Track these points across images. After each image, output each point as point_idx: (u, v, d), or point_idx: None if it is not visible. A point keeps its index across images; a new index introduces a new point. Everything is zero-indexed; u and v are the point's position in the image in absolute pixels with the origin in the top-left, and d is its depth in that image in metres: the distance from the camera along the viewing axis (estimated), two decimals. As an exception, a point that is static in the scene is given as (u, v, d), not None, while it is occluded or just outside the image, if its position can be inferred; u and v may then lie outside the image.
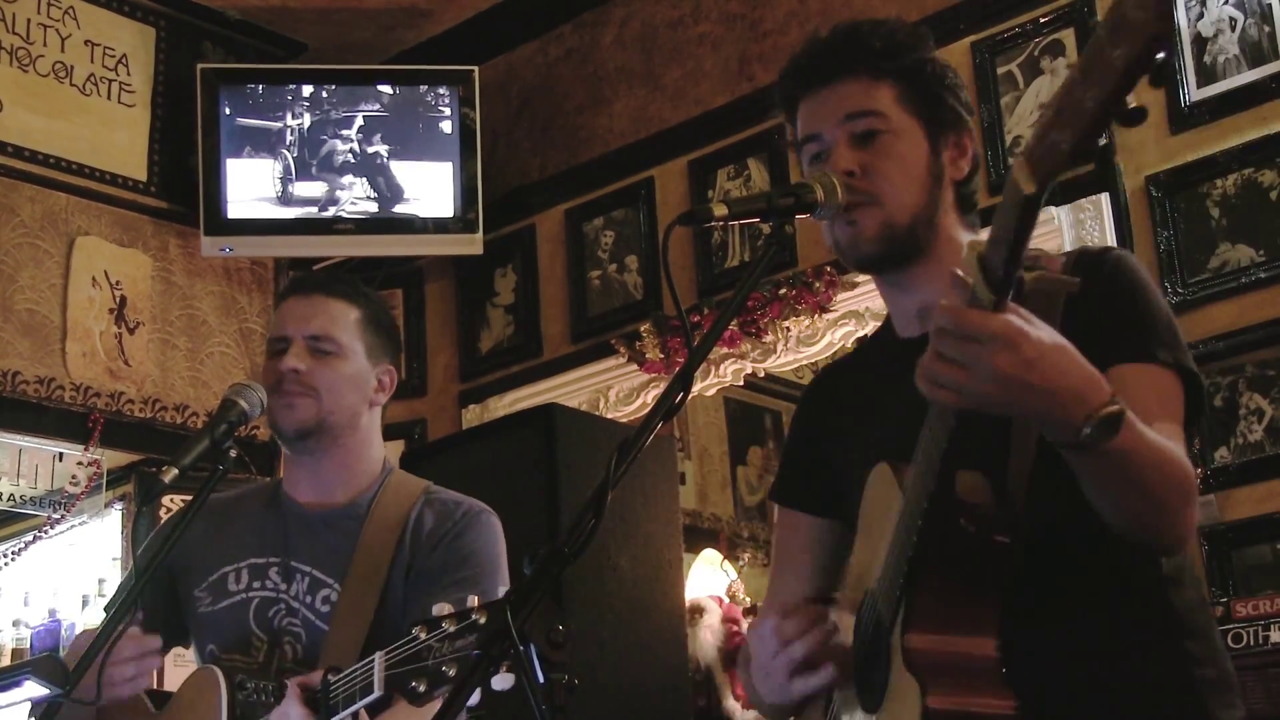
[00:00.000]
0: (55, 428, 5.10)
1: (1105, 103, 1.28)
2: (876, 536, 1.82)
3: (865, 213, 1.91)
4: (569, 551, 1.57)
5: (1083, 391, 1.54)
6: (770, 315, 4.78)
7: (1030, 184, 1.35)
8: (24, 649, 6.14)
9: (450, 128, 5.37)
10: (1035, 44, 4.41)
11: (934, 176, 1.96)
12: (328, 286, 2.71)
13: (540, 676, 1.51)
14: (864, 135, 1.95)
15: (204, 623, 2.63)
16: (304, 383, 2.60)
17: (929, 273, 1.96)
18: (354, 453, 2.67)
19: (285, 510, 2.68)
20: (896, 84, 1.97)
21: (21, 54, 5.18)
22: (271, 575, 2.61)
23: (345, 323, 2.66)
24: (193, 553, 2.66)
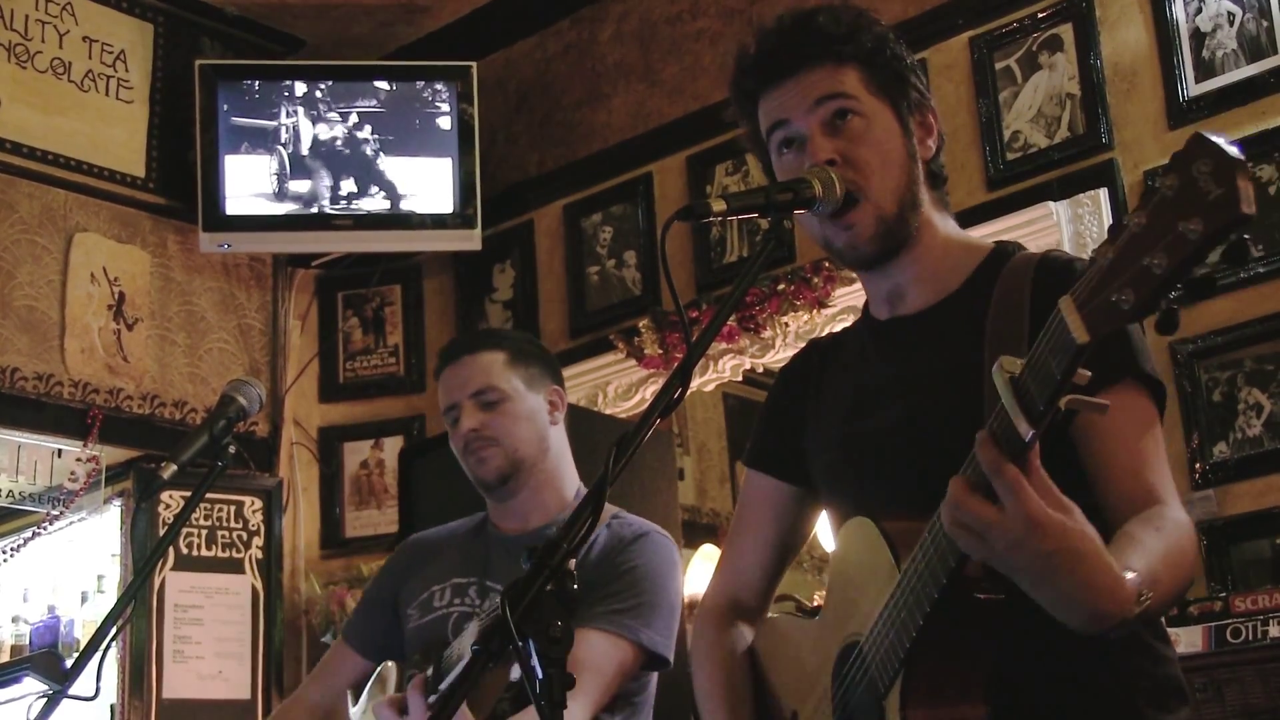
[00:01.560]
0: (54, 424, 5.10)
1: (1174, 275, 1.27)
2: (858, 591, 1.82)
3: (857, 214, 1.92)
4: (568, 547, 1.58)
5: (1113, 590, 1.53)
6: (769, 310, 4.78)
7: (1084, 334, 1.35)
8: (23, 645, 6.14)
9: (448, 123, 5.37)
10: (1034, 39, 4.41)
11: (910, 157, 1.97)
12: (470, 346, 2.87)
13: (539, 672, 1.51)
14: (835, 118, 1.94)
15: (412, 636, 2.81)
16: (485, 437, 2.78)
17: (909, 257, 1.98)
18: (550, 476, 2.84)
19: (489, 537, 2.87)
20: (860, 67, 1.97)
21: (20, 50, 5.17)
22: (470, 593, 2.78)
23: (497, 369, 2.82)
24: (410, 579, 2.89)
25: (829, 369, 2.13)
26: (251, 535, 5.46)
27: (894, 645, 1.71)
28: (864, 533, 1.82)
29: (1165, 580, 1.63)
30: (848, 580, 1.88)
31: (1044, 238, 4.28)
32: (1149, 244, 1.27)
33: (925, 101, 2.02)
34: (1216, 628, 3.33)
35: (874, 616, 1.75)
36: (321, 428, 5.78)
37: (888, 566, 1.74)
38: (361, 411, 5.78)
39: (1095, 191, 4.19)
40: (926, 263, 1.99)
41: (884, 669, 1.73)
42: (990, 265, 1.98)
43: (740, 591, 2.21)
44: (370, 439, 5.74)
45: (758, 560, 2.20)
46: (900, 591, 1.70)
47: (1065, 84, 4.32)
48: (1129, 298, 1.30)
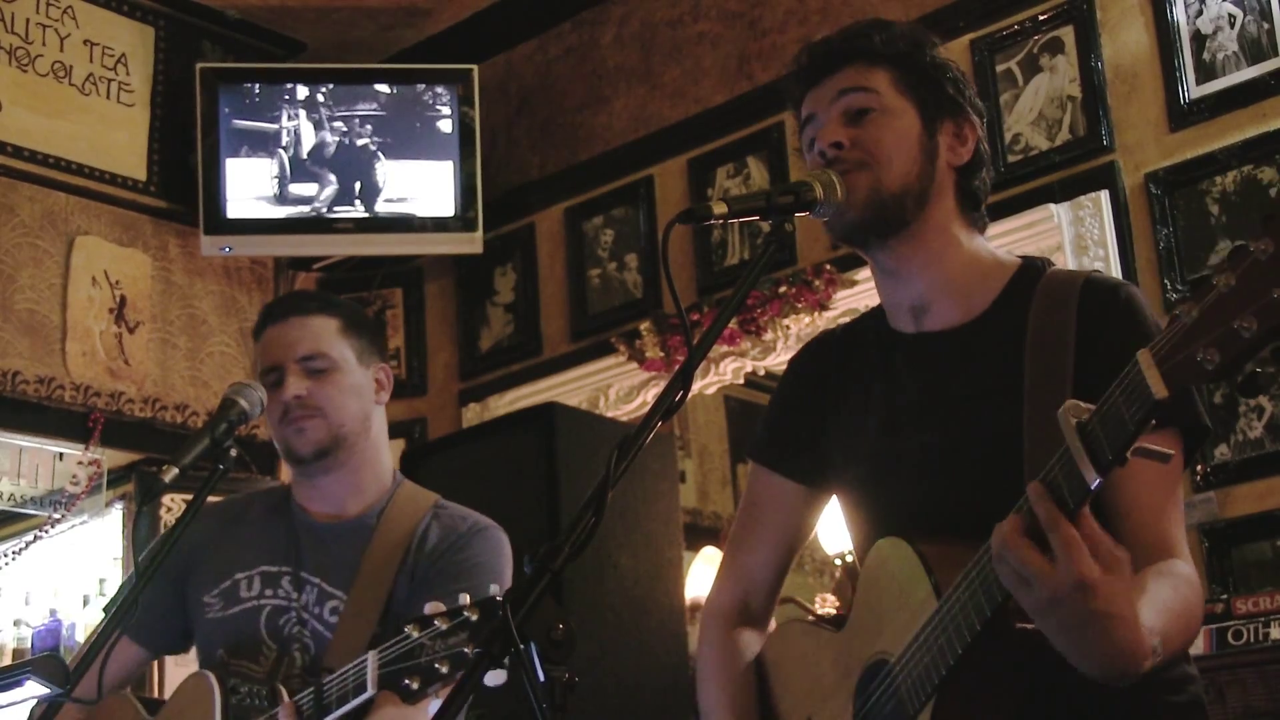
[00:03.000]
0: (55, 427, 5.10)
1: (1264, 340, 1.27)
2: (889, 610, 1.83)
3: (853, 177, 1.92)
4: (569, 550, 1.58)
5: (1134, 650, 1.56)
6: (770, 313, 4.78)
7: (1164, 390, 1.36)
8: (25, 649, 6.14)
9: (449, 127, 5.37)
10: (1035, 41, 4.41)
11: (925, 152, 1.97)
12: (301, 306, 2.72)
13: (540, 675, 1.51)
14: (857, 113, 1.96)
15: (213, 627, 2.65)
16: (309, 405, 2.63)
17: (920, 261, 1.98)
18: (366, 461, 2.70)
19: (296, 520, 2.71)
20: (892, 69, 1.99)
21: (21, 54, 5.18)
22: (284, 584, 2.64)
23: (329, 336, 2.68)
24: (201, 557, 2.70)
25: (847, 370, 2.11)
26: (253, 538, 5.46)
27: (929, 670, 1.71)
28: (898, 553, 1.82)
29: (1174, 637, 1.66)
30: (878, 598, 1.88)
31: (1045, 240, 4.28)
32: (1239, 307, 1.27)
33: (961, 111, 2.02)
34: (1218, 630, 3.33)
35: (906, 638, 1.76)
36: (323, 431, 5.78)
37: (924, 590, 1.75)
38: (363, 414, 5.77)
39: (1096, 194, 4.19)
40: (948, 274, 1.98)
41: (916, 692, 1.74)
42: (1021, 282, 1.98)
43: (748, 593, 2.20)
44: (371, 442, 5.73)
45: (765, 560, 2.19)
46: (940, 617, 1.70)
47: (1066, 86, 4.32)
48: (1214, 358, 1.30)
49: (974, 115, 2.04)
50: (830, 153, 1.94)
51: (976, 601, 1.64)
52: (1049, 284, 1.92)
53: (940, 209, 1.98)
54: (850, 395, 2.07)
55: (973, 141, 2.03)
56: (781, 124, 4.93)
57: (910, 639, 1.75)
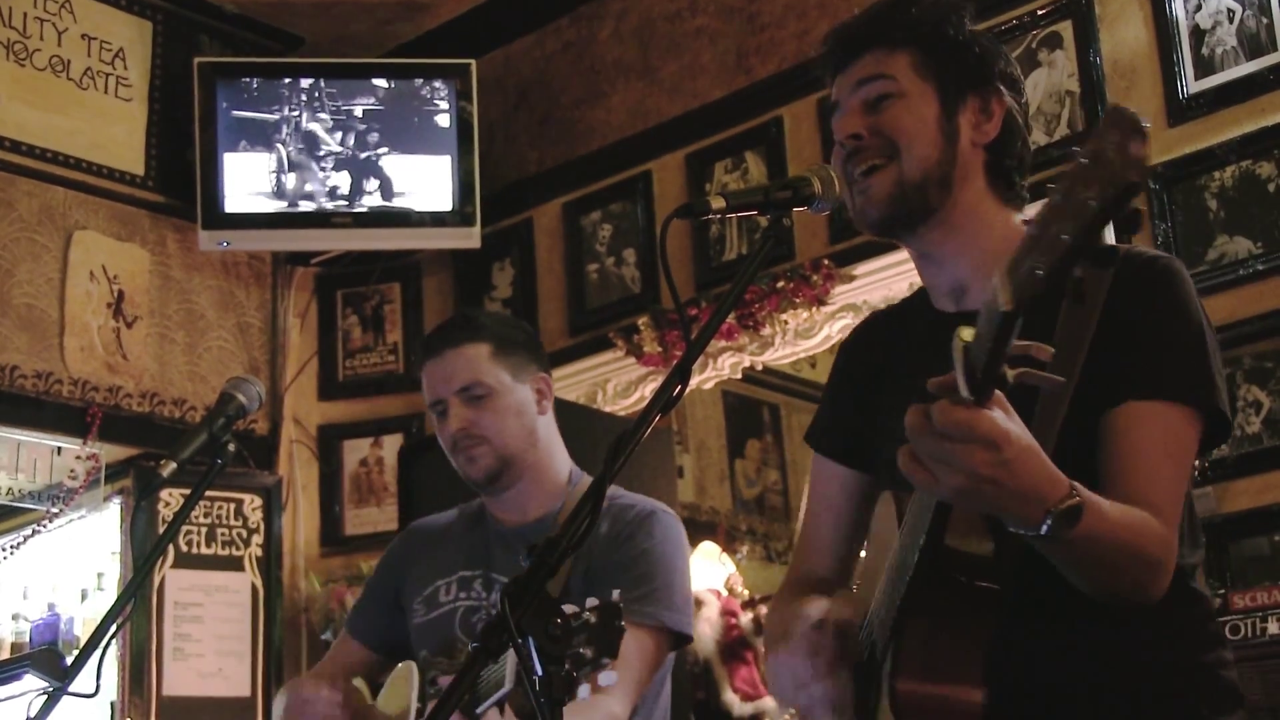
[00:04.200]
0: (53, 422, 5.10)
1: (1078, 243, 1.29)
2: (880, 562, 1.84)
3: (878, 176, 1.92)
4: (567, 544, 1.58)
5: (1043, 490, 1.55)
6: (768, 308, 4.78)
7: (1009, 303, 1.36)
8: (23, 643, 6.14)
9: (447, 121, 5.36)
10: (1033, 36, 4.41)
11: (945, 135, 1.94)
12: (452, 338, 2.80)
13: (539, 669, 1.51)
14: (875, 100, 1.95)
15: (418, 631, 2.79)
16: (474, 435, 2.73)
17: (955, 245, 1.96)
18: (542, 468, 2.79)
19: (489, 528, 2.82)
20: (913, 51, 1.96)
21: (18, 48, 5.17)
22: (475, 586, 2.75)
23: (482, 363, 2.75)
24: (412, 571, 2.86)
25: (894, 350, 2.10)
26: (251, 533, 5.46)
27: (887, 614, 1.73)
28: (885, 507, 1.86)
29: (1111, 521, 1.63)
30: (873, 551, 1.92)
31: (1043, 235, 4.28)
32: (1060, 214, 1.30)
33: (988, 85, 1.98)
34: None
35: None
36: (321, 425, 5.78)
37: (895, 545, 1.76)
38: (361, 409, 5.78)
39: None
40: (985, 256, 1.95)
41: (882, 639, 1.76)
42: None
43: (816, 572, 2.17)
44: (370, 437, 5.74)
45: (830, 546, 2.17)
46: (892, 561, 1.72)
47: (1065, 81, 4.32)
48: (1042, 266, 1.32)
49: (1004, 87, 1.99)
50: (849, 144, 1.94)
51: (914, 535, 1.65)
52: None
53: (969, 191, 1.96)
54: (897, 375, 2.06)
55: (1000, 116, 1.98)
56: (780, 119, 4.93)
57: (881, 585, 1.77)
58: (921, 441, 1.51)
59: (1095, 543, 1.61)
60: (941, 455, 1.50)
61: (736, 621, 6.00)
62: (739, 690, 5.94)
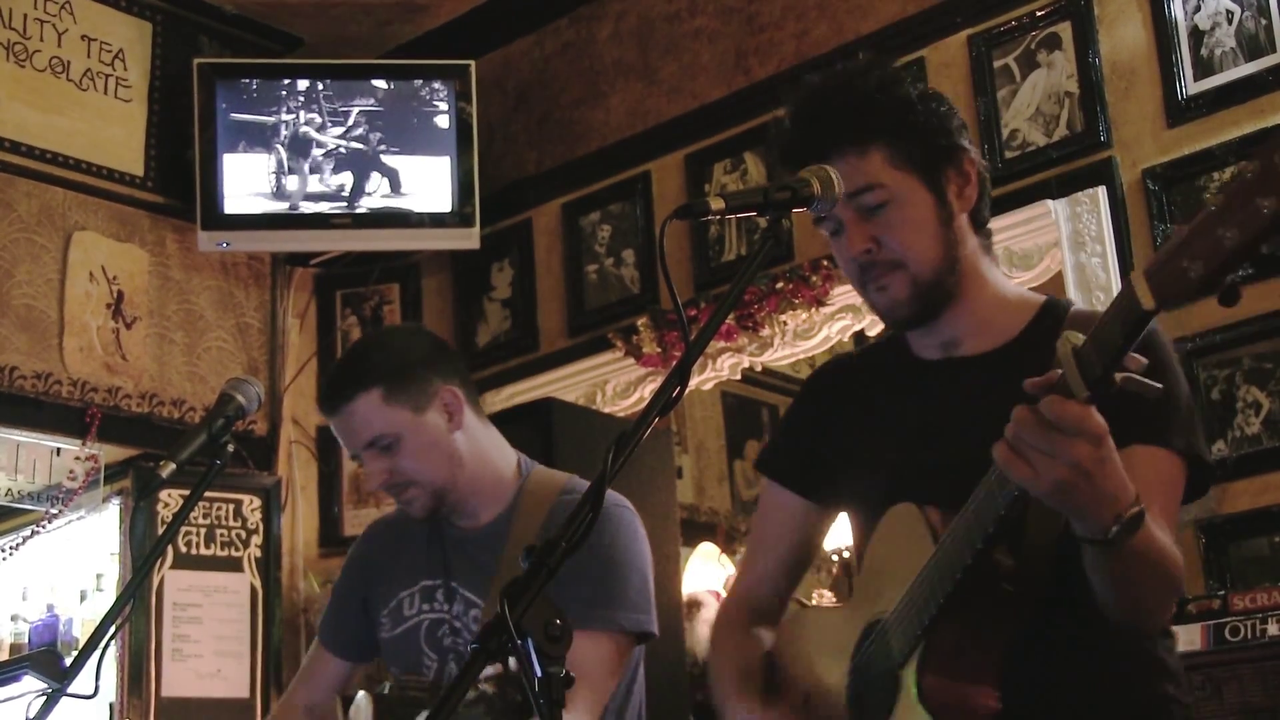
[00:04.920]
0: (52, 423, 5.10)
1: (1244, 247, 1.33)
2: (891, 572, 1.88)
3: (891, 277, 1.98)
4: (566, 545, 1.58)
5: (1120, 493, 1.63)
6: (767, 309, 4.78)
7: (1151, 301, 1.41)
8: (22, 644, 6.15)
9: (446, 122, 5.36)
10: (1032, 37, 4.41)
11: (944, 222, 2.01)
12: (342, 393, 2.66)
13: (538, 670, 1.51)
14: (869, 209, 2.00)
15: (387, 646, 2.75)
16: (399, 483, 2.65)
17: (962, 310, 2.04)
18: (478, 479, 2.70)
19: (446, 533, 2.74)
20: (884, 145, 2.00)
21: (18, 49, 5.17)
22: (438, 597, 2.70)
23: (378, 411, 2.63)
24: (378, 575, 2.80)
25: (865, 391, 2.16)
26: (250, 534, 5.46)
27: (919, 614, 1.77)
28: (906, 517, 1.89)
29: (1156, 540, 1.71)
30: (881, 565, 1.95)
31: (1042, 236, 4.29)
32: (1224, 220, 1.33)
33: (959, 150, 2.04)
34: (1215, 626, 3.33)
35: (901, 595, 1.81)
36: (320, 426, 5.77)
37: (925, 547, 1.81)
38: (360, 410, 5.77)
39: (1094, 190, 4.19)
40: (977, 315, 2.04)
41: (904, 639, 1.80)
42: (1046, 317, 2.04)
43: (760, 598, 2.26)
44: (369, 437, 5.73)
45: (775, 568, 2.25)
46: (933, 564, 1.76)
47: (1064, 82, 4.32)
48: (1198, 268, 1.36)
49: (969, 146, 2.05)
50: (863, 259, 2.00)
51: (970, 535, 1.70)
52: (1075, 319, 1.98)
53: (966, 255, 2.03)
54: (869, 415, 2.12)
55: (974, 174, 2.05)
56: (780, 120, 4.92)
57: (904, 592, 1.81)
58: (1028, 434, 1.58)
59: (1143, 556, 1.69)
60: (1049, 448, 1.57)
61: (736, 622, 5.99)
62: (738, 691, 5.93)
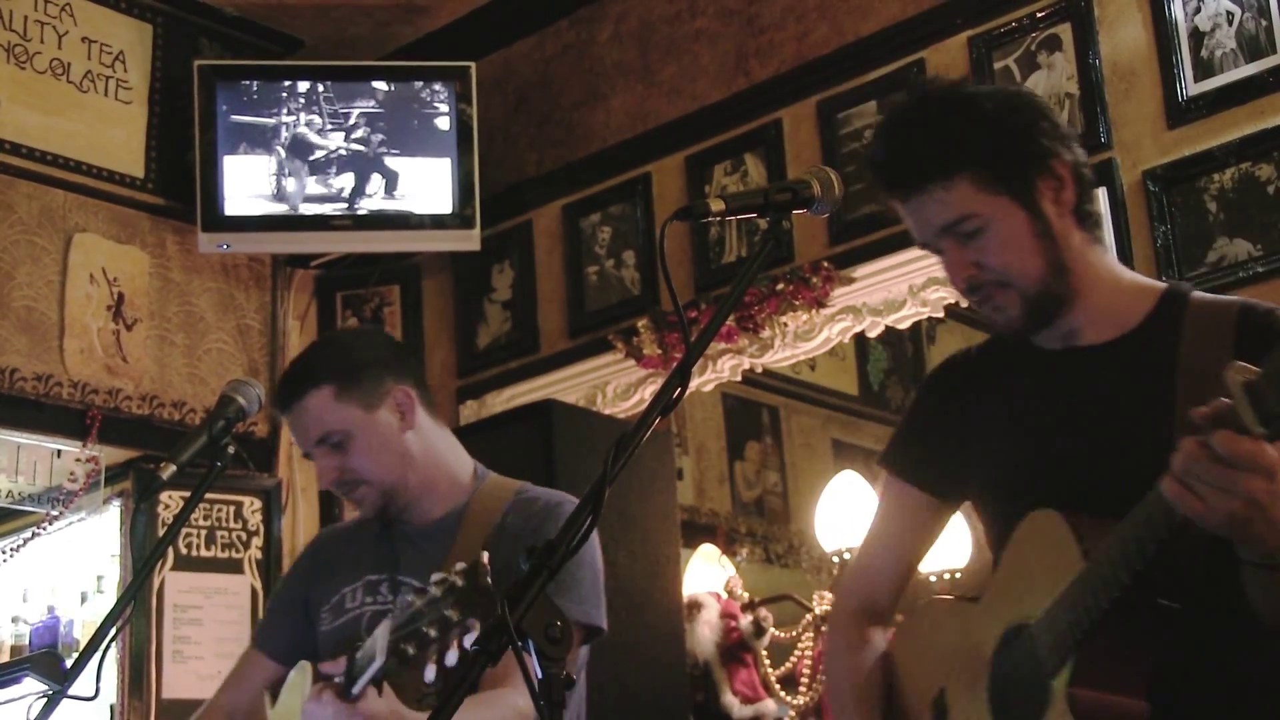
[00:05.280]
0: (53, 424, 5.10)
1: None
2: (1034, 578, 1.89)
3: (1002, 296, 2.00)
4: (566, 547, 1.58)
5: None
6: (767, 310, 4.78)
7: None
8: (23, 646, 6.14)
9: (447, 124, 5.37)
10: (1032, 39, 4.41)
11: (1043, 235, 2.01)
12: (294, 391, 2.70)
13: (538, 672, 1.51)
14: (965, 236, 2.01)
15: (325, 638, 2.73)
16: (349, 481, 2.67)
17: (1075, 305, 2.04)
18: (430, 478, 2.71)
19: (396, 530, 2.75)
20: (969, 174, 2.00)
21: (19, 51, 5.17)
22: (382, 589, 2.69)
23: (330, 408, 2.66)
24: (321, 576, 2.81)
25: (986, 386, 2.17)
26: (251, 536, 5.46)
27: (1071, 627, 1.77)
28: (1049, 523, 1.89)
29: None
30: (1023, 567, 1.95)
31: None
32: None
33: (1050, 153, 2.04)
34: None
35: (1048, 602, 1.82)
36: (320, 428, 5.77)
37: (1072, 556, 1.81)
38: (360, 412, 5.77)
39: (1094, 191, 4.18)
40: (1096, 306, 2.05)
41: (1055, 650, 1.80)
42: (1169, 304, 2.04)
43: (875, 595, 2.28)
44: (369, 439, 5.72)
45: (893, 565, 2.28)
46: (1086, 576, 1.76)
47: (1064, 84, 4.32)
48: None
49: (1055, 145, 2.05)
50: (969, 284, 2.03)
51: (1127, 556, 1.71)
52: (1199, 308, 2.00)
53: (1074, 254, 2.04)
54: (994, 408, 2.13)
55: (1069, 175, 2.05)
56: (779, 121, 4.93)
57: (1053, 601, 1.81)
58: (1199, 469, 1.59)
59: None
60: (1222, 483, 1.58)
61: (736, 624, 5.99)
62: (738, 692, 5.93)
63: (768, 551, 7.79)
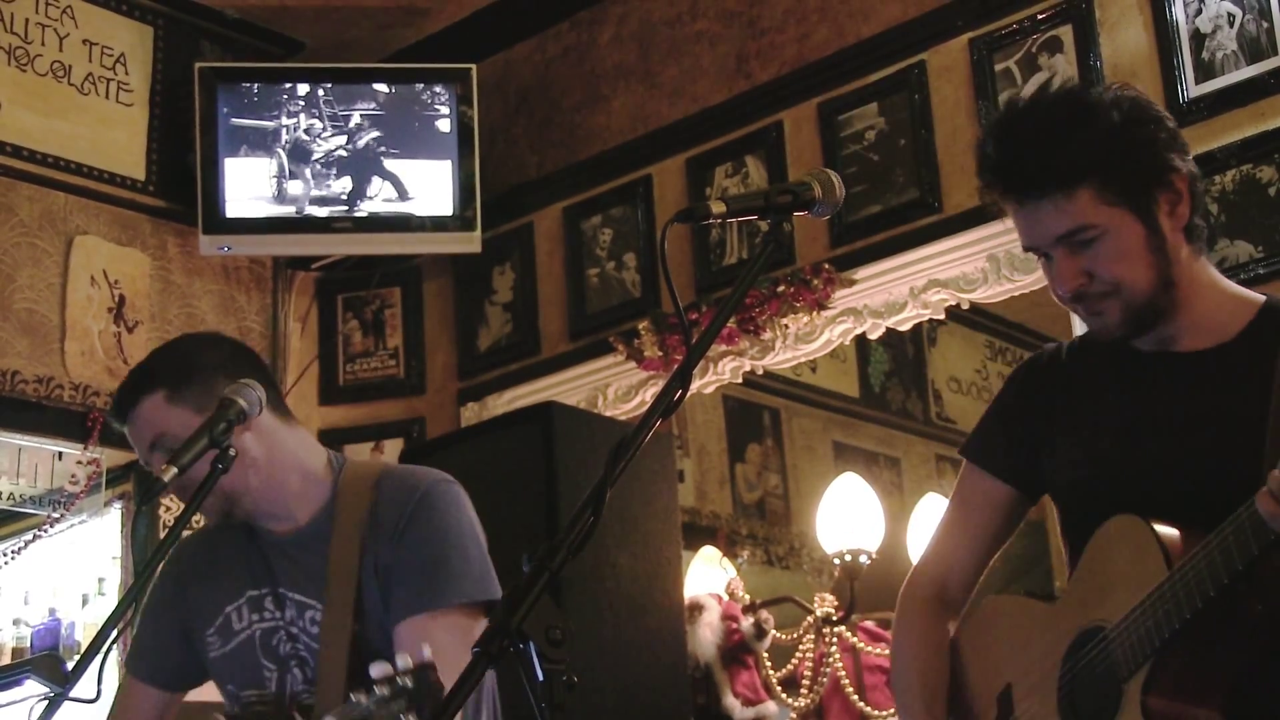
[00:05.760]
0: (54, 427, 5.09)
1: None
2: (1112, 582, 1.90)
3: (1106, 304, 2.00)
4: (567, 549, 1.58)
5: None
6: (768, 313, 4.78)
7: None
8: (24, 648, 6.14)
9: (448, 126, 5.37)
10: (1033, 41, 4.41)
11: (1156, 250, 2.01)
12: (127, 400, 2.58)
13: (539, 674, 1.51)
14: (1078, 245, 2.00)
15: (220, 666, 2.63)
16: (186, 485, 2.45)
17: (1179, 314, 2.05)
18: (280, 484, 2.58)
19: (262, 541, 2.63)
20: (1090, 185, 1.99)
21: (19, 53, 5.17)
22: (267, 604, 2.59)
23: (161, 411, 2.55)
24: (195, 593, 2.68)
25: (1071, 382, 2.18)
26: (252, 538, 5.45)
27: (1150, 633, 1.78)
28: (1131, 529, 1.89)
29: None
30: (1103, 570, 1.95)
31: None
32: None
33: (1171, 167, 2.04)
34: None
35: (1126, 607, 1.82)
36: (322, 430, 5.77)
37: (1155, 563, 1.81)
38: (361, 414, 5.78)
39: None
40: (1195, 314, 2.05)
41: (1132, 655, 1.80)
42: (1269, 316, 2.04)
43: (949, 582, 2.28)
44: (370, 441, 5.73)
45: (967, 553, 2.28)
46: (1170, 584, 1.76)
47: (1065, 85, 4.32)
48: None
49: (1180, 164, 2.05)
50: (1077, 292, 2.02)
51: (1214, 568, 1.71)
52: None
53: (1183, 271, 2.03)
54: (1080, 405, 2.14)
55: (1186, 190, 2.05)
56: (780, 123, 4.93)
57: (1133, 607, 1.81)
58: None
59: None
60: None
61: (737, 626, 5.98)
62: (740, 694, 5.92)
63: (769, 553, 7.78)
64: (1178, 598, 1.74)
